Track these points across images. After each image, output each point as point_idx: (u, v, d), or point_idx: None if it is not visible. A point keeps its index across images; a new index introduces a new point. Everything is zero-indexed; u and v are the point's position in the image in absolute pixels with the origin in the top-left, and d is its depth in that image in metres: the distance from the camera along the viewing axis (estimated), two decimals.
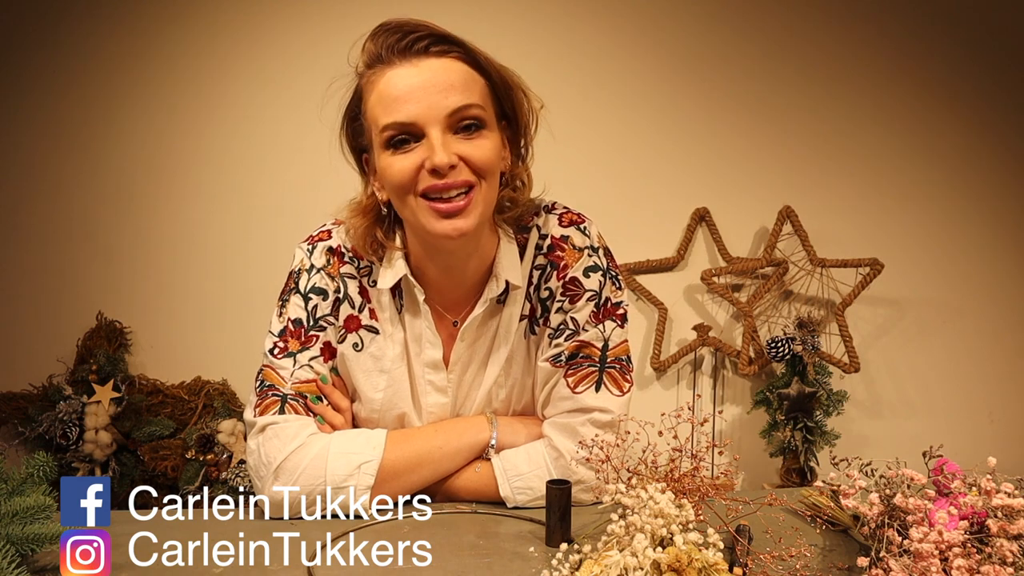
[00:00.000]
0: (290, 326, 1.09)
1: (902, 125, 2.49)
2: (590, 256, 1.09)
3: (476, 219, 1.00)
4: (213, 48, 2.31)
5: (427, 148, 0.96)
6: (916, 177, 2.51)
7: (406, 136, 0.97)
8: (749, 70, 2.42)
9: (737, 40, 2.41)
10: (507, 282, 1.09)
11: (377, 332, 1.11)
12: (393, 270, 1.08)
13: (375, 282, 1.10)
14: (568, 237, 1.10)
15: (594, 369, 1.09)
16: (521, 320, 1.12)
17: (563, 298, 1.09)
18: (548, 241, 1.10)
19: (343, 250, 1.10)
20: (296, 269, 1.10)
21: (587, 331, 1.08)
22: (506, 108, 1.05)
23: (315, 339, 1.09)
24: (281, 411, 1.05)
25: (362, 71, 1.02)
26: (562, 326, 1.09)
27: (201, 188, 2.33)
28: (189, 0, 2.29)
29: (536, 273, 1.11)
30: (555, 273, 1.09)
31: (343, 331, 1.10)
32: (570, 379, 1.09)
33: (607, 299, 1.09)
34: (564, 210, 1.13)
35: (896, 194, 2.50)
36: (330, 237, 1.11)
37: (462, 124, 0.98)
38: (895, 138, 2.49)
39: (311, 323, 1.09)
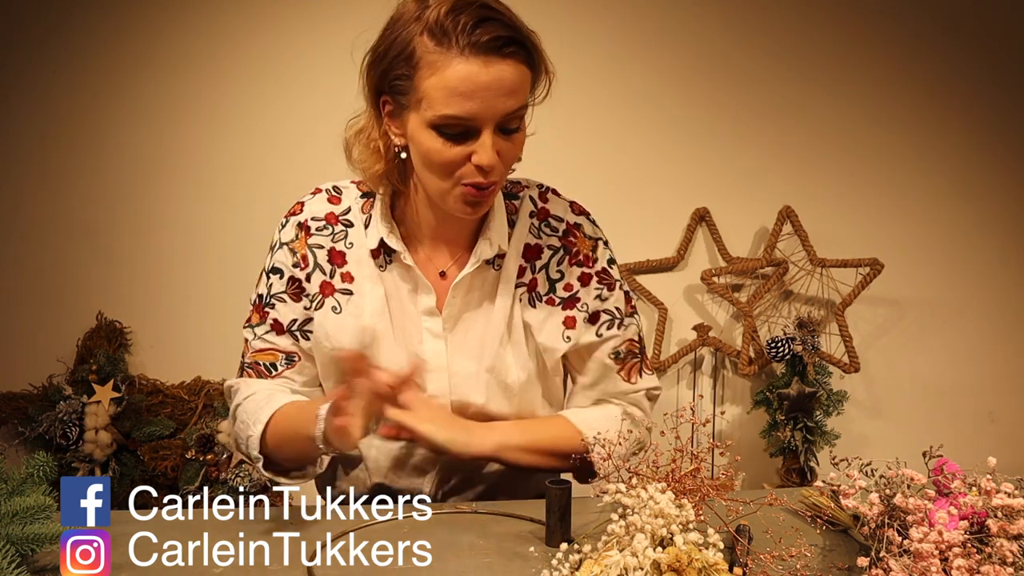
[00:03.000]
0: (256, 300, 1.16)
1: (902, 125, 2.49)
2: (605, 248, 1.18)
3: (492, 202, 1.08)
4: (213, 48, 2.31)
5: (476, 145, 0.98)
6: (916, 177, 2.51)
7: (458, 126, 0.98)
8: (749, 70, 2.42)
9: (737, 40, 2.41)
10: (499, 246, 1.12)
11: (351, 293, 1.13)
12: (375, 232, 1.11)
13: (352, 244, 1.13)
14: (581, 225, 1.17)
15: (636, 360, 1.20)
16: (518, 287, 1.14)
17: (600, 286, 1.16)
18: (563, 225, 1.16)
19: (309, 223, 1.13)
20: (272, 244, 1.16)
21: (628, 327, 1.18)
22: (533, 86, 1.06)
23: (267, 315, 1.15)
24: (240, 375, 1.18)
25: (421, 36, 0.97)
26: (604, 314, 1.16)
27: (201, 188, 2.33)
28: (189, 0, 2.29)
29: (548, 252, 1.15)
30: (568, 258, 1.15)
31: (320, 296, 1.13)
32: (622, 374, 1.19)
33: (627, 291, 1.20)
34: (570, 199, 1.19)
35: (896, 194, 2.50)
36: (302, 211, 1.14)
37: (507, 124, 1.00)
38: (895, 138, 2.49)
39: (266, 300, 1.15)
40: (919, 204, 2.51)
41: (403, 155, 1.06)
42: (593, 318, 1.16)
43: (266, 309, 1.14)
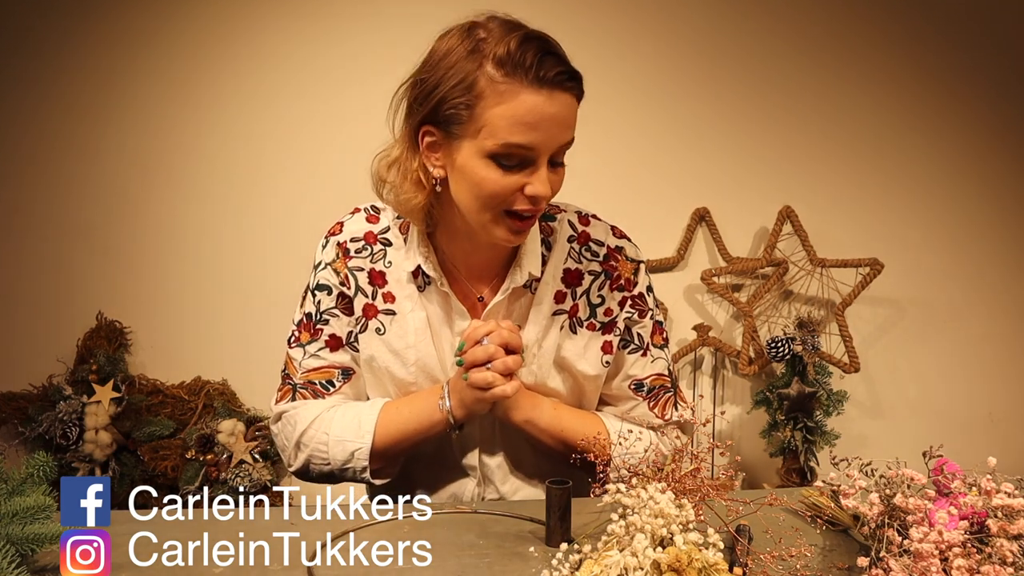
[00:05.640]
0: (304, 319, 1.16)
1: (903, 125, 2.49)
2: (646, 274, 1.19)
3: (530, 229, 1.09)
4: (211, 48, 2.31)
5: (531, 174, 1.01)
6: (917, 177, 2.51)
7: (518, 155, 1.00)
8: (750, 69, 2.42)
9: (738, 39, 2.41)
10: (530, 272, 1.13)
11: (394, 313, 1.13)
12: (413, 256, 1.12)
13: (391, 263, 1.13)
14: (623, 248, 1.17)
15: (669, 394, 1.20)
16: (559, 314, 1.14)
17: (632, 311, 1.16)
18: (604, 250, 1.16)
19: (348, 245, 1.14)
20: (315, 263, 1.16)
21: (655, 360, 1.18)
22: None
23: (321, 332, 1.15)
24: (293, 399, 1.16)
25: (485, 67, 1.00)
26: (628, 338, 1.17)
27: (200, 188, 2.33)
28: (188, 1, 2.29)
29: (589, 278, 1.15)
30: (609, 283, 1.15)
31: (363, 319, 1.14)
32: (655, 410, 1.18)
33: (658, 320, 1.20)
34: (611, 223, 1.20)
35: (896, 194, 2.50)
36: (341, 231, 1.15)
37: (558, 156, 1.04)
38: (896, 138, 2.49)
39: (317, 317, 1.15)
40: (919, 204, 2.51)
41: (439, 188, 1.07)
42: (621, 342, 1.17)
43: (318, 327, 1.15)
